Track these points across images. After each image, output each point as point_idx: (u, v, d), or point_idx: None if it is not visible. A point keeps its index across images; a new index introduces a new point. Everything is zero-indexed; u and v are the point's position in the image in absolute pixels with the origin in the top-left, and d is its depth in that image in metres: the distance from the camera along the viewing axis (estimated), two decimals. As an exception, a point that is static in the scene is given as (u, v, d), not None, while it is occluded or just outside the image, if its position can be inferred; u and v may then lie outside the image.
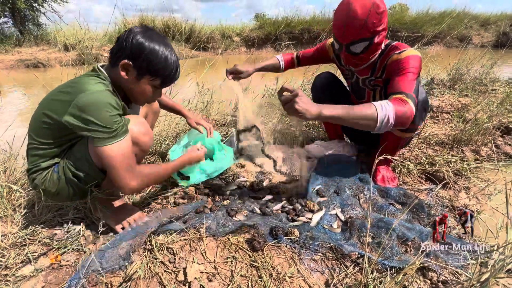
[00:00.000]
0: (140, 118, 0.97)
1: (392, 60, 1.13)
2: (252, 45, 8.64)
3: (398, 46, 1.15)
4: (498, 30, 8.97)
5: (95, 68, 0.91)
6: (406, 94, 1.01)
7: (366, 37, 1.08)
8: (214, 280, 0.83)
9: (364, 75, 1.29)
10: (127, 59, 0.86)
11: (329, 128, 1.68)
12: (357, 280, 0.83)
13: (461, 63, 3.14)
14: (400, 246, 0.95)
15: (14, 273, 0.86)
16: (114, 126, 0.83)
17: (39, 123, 0.90)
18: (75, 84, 0.87)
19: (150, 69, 0.88)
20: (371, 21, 1.04)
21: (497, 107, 2.01)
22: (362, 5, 1.03)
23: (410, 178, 1.44)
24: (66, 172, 0.93)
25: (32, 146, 0.94)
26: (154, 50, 0.86)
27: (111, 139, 0.83)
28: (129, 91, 0.94)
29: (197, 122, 1.44)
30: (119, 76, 0.88)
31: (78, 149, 0.93)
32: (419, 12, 9.32)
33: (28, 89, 4.03)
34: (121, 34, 0.88)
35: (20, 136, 1.41)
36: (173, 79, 0.94)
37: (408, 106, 0.98)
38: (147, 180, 0.94)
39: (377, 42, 1.11)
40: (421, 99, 1.16)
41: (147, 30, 0.88)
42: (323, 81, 1.51)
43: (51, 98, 0.90)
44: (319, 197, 1.24)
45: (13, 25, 7.12)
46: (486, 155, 1.69)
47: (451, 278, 0.83)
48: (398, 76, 1.07)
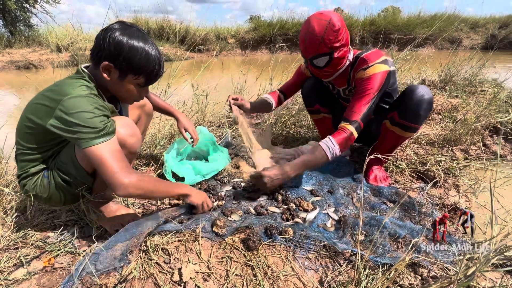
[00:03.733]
0: (126, 119, 0.94)
1: (357, 77, 1.22)
2: (247, 47, 8.67)
3: (367, 59, 1.20)
4: (487, 32, 9.21)
5: (79, 69, 0.88)
6: (350, 122, 1.17)
7: (325, 52, 1.17)
8: (210, 280, 0.83)
9: (342, 86, 1.37)
10: (107, 60, 0.82)
11: (321, 129, 1.71)
12: (350, 277, 0.84)
13: (452, 65, 3.21)
14: (392, 243, 0.97)
15: (7, 276, 0.85)
16: (100, 126, 0.80)
17: (24, 127, 0.88)
18: (57, 87, 0.84)
19: (131, 68, 0.84)
20: (327, 38, 1.12)
21: (485, 107, 2.07)
22: (318, 23, 1.12)
23: (402, 177, 1.47)
24: (55, 176, 0.92)
25: (20, 151, 0.92)
26: (133, 48, 0.82)
27: (98, 138, 0.80)
28: (114, 92, 0.91)
29: (186, 129, 1.39)
30: (103, 77, 0.85)
31: (64, 154, 0.91)
32: (411, 14, 9.50)
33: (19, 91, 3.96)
34: (98, 33, 0.83)
35: (11, 139, 1.40)
36: (157, 75, 0.90)
37: (348, 133, 1.17)
38: (142, 184, 0.84)
39: (338, 56, 1.19)
40: (428, 99, 1.20)
41: (125, 27, 0.84)
42: (309, 87, 1.56)
43: (35, 102, 0.87)
44: (313, 197, 1.25)
45: (3, 26, 6.99)
46: (475, 154, 1.74)
47: (441, 274, 0.85)
48: (355, 99, 1.19)
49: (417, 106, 1.20)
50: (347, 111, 1.21)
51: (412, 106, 1.21)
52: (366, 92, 1.17)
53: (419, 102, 1.20)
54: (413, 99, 1.20)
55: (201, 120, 2.17)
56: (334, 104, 1.55)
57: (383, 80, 1.17)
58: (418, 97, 1.19)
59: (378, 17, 9.34)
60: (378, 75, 1.17)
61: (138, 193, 0.84)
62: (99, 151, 0.80)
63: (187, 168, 1.40)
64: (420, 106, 1.20)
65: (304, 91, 1.58)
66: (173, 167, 1.36)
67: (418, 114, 1.21)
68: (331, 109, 1.57)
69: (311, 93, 1.55)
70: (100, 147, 0.80)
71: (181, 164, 1.45)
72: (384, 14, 9.81)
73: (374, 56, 1.20)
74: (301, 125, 2.17)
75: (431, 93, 1.22)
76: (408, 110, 1.23)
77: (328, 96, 1.54)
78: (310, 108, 1.60)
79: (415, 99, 1.20)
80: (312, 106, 1.58)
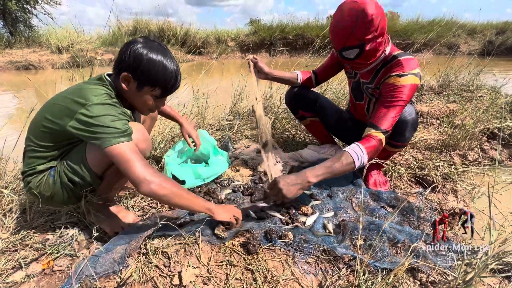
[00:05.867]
0: (139, 125, 0.98)
1: (388, 82, 1.12)
2: (246, 50, 8.71)
3: (404, 64, 1.11)
4: (484, 38, 9.31)
5: (102, 77, 0.92)
6: (381, 130, 1.09)
7: (354, 45, 1.08)
8: (209, 284, 0.83)
9: (364, 79, 1.29)
10: (126, 71, 0.87)
11: (315, 132, 1.72)
12: (349, 281, 0.85)
13: (449, 70, 3.25)
14: (391, 248, 0.98)
15: (5, 279, 0.84)
16: (123, 127, 0.84)
17: (39, 126, 0.91)
18: (79, 90, 0.88)
19: (149, 80, 0.89)
20: (358, 30, 1.03)
21: (483, 113, 2.09)
22: (350, 13, 1.02)
23: (401, 182, 1.48)
24: (62, 176, 0.93)
25: (30, 148, 0.94)
26: (152, 60, 0.87)
27: (120, 137, 0.83)
28: (132, 102, 0.96)
29: (189, 134, 1.43)
30: (122, 87, 0.90)
31: (74, 155, 0.93)
32: (409, 20, 9.60)
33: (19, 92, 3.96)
34: (122, 45, 0.89)
35: (11, 140, 1.40)
36: (173, 88, 0.94)
37: (377, 140, 1.09)
38: (166, 184, 0.84)
39: (370, 49, 1.08)
40: (412, 120, 1.20)
41: (147, 41, 0.89)
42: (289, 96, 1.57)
43: (53, 102, 0.91)
44: (313, 201, 1.26)
45: (3, 27, 7.00)
46: (473, 159, 1.76)
47: (439, 279, 0.85)
48: (385, 107, 1.11)
49: (401, 128, 1.20)
50: (375, 117, 1.12)
51: (395, 127, 1.17)
52: (399, 102, 1.09)
53: (402, 124, 1.19)
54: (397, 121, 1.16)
55: (201, 123, 2.17)
56: (317, 106, 1.54)
57: (413, 93, 1.11)
58: (401, 119, 1.17)
59: (377, 22, 9.40)
60: (412, 87, 1.09)
61: (162, 192, 0.83)
62: (122, 149, 0.82)
63: (188, 171, 1.40)
64: (405, 128, 1.20)
65: (286, 101, 1.61)
66: (173, 170, 1.36)
67: (403, 135, 1.22)
68: (316, 113, 1.57)
69: (292, 101, 1.57)
70: (122, 146, 0.83)
71: (181, 167, 1.45)
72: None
73: (412, 64, 1.11)
74: (300, 129, 2.18)
75: (414, 112, 1.20)
76: (393, 132, 1.18)
77: (309, 101, 1.54)
78: (296, 116, 1.64)
79: (399, 121, 1.17)
80: (297, 114, 1.62)
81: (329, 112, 1.54)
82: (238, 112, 2.41)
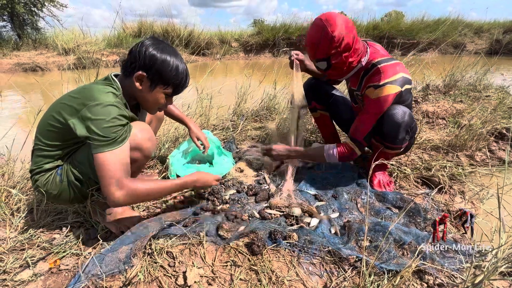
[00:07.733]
0: (144, 124, 1.00)
1: (367, 93, 1.18)
2: (250, 51, 8.72)
3: (383, 71, 1.13)
4: (491, 37, 9.16)
5: (109, 77, 0.94)
6: (355, 142, 1.23)
7: (321, 58, 1.17)
8: (214, 284, 0.83)
9: (353, 86, 1.34)
10: (141, 70, 0.90)
11: (323, 130, 1.74)
12: (355, 283, 0.84)
13: (456, 70, 3.20)
14: (397, 249, 0.96)
15: (13, 277, 0.86)
16: (112, 136, 0.84)
17: (47, 125, 0.93)
18: (86, 90, 0.90)
19: (162, 79, 0.92)
20: (321, 46, 1.12)
21: (490, 113, 2.05)
22: (316, 30, 1.12)
23: (406, 183, 1.46)
24: (69, 175, 0.95)
25: (38, 147, 0.96)
26: (166, 61, 0.90)
27: (105, 147, 0.84)
28: (142, 100, 0.98)
29: (198, 137, 1.46)
30: (133, 86, 0.92)
31: (81, 154, 0.95)
32: (414, 19, 9.48)
33: (27, 93, 4.02)
34: (133, 47, 0.92)
35: (19, 140, 1.42)
36: (183, 86, 0.99)
37: (350, 151, 1.26)
38: (136, 196, 0.88)
39: (337, 62, 1.15)
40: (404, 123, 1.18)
41: (158, 42, 0.93)
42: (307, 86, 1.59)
43: (61, 101, 0.93)
44: (317, 201, 1.25)
45: (11, 29, 7.13)
46: (480, 160, 1.73)
47: (447, 281, 0.84)
48: (362, 118, 1.21)
49: (393, 131, 1.19)
50: (353, 127, 1.23)
51: (387, 130, 1.19)
52: (373, 115, 1.17)
53: (393, 127, 1.18)
54: (389, 123, 1.18)
55: (205, 123, 2.18)
56: (331, 102, 1.58)
57: (391, 101, 1.14)
58: (393, 122, 1.17)
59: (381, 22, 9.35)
60: (388, 98, 1.12)
61: (131, 202, 0.90)
62: (101, 160, 0.84)
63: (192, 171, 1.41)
64: (396, 130, 1.18)
65: (304, 89, 1.58)
66: (178, 171, 1.37)
67: (396, 137, 1.20)
68: (327, 107, 1.61)
69: (308, 91, 1.58)
70: (104, 156, 0.84)
71: (186, 168, 1.45)
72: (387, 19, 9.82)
73: (391, 71, 1.13)
74: (305, 129, 2.18)
75: (407, 115, 1.17)
76: (385, 134, 1.21)
77: (324, 95, 1.58)
78: (309, 107, 1.65)
79: (390, 124, 1.18)
80: (310, 105, 1.62)
81: (343, 108, 1.57)
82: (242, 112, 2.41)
